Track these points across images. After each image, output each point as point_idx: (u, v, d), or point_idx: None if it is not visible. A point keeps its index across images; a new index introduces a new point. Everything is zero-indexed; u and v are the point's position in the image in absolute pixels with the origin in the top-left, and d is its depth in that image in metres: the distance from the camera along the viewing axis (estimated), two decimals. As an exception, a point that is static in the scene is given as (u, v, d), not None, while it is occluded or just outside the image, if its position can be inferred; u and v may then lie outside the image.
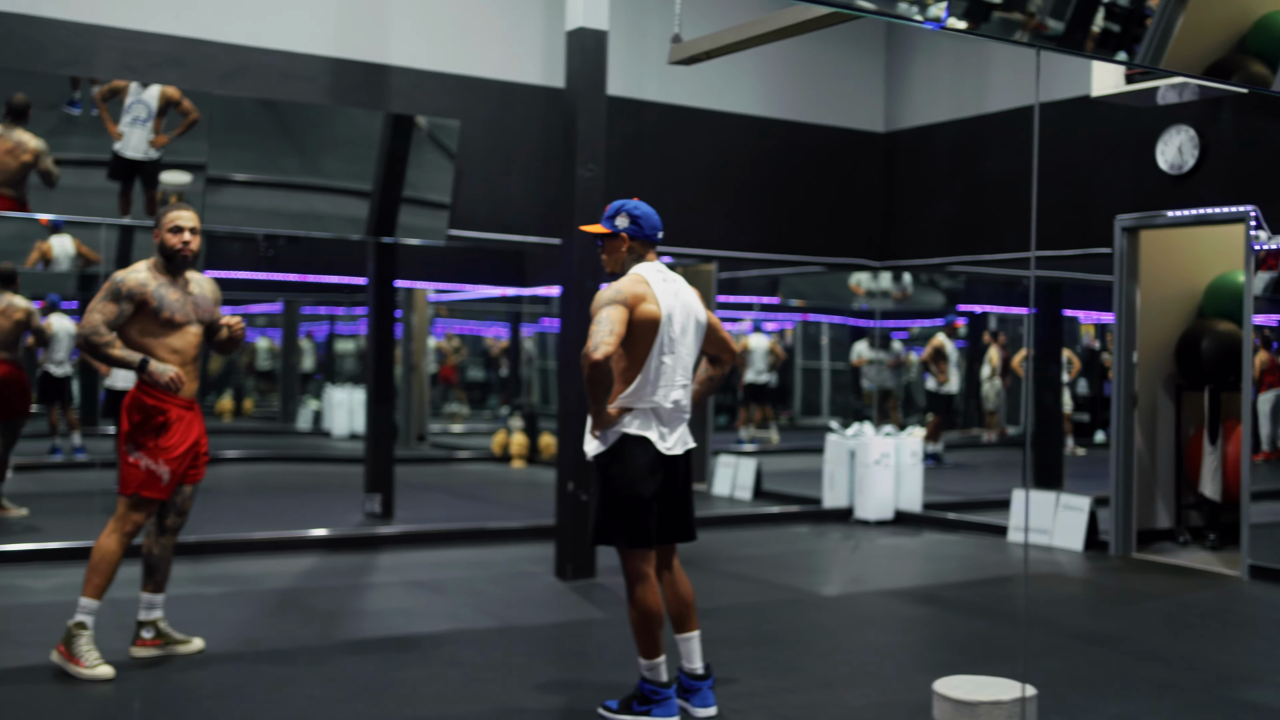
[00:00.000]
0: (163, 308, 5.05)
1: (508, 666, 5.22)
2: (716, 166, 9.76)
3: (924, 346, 13.55)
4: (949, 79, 9.99)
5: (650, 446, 4.35)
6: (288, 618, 6.06)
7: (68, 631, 4.93)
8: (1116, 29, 4.06)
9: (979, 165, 9.73)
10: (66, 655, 4.89)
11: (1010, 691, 3.90)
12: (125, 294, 4.99)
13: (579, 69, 7.18)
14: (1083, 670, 5.38)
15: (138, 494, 5.01)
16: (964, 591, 7.21)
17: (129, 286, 5.00)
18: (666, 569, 4.55)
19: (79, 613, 4.94)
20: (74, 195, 7.47)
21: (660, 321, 4.33)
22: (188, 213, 5.16)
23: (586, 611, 6.44)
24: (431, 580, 7.09)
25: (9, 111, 7.10)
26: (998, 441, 14.71)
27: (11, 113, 7.11)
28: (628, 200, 4.56)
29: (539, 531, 8.44)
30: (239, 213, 7.95)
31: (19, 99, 7.11)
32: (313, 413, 17.05)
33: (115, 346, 4.96)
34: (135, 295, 5.00)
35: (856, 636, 6.08)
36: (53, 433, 11.86)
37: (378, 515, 8.99)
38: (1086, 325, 14.62)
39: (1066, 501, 8.63)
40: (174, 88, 7.52)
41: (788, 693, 4.88)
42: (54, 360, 11.57)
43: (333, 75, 8.14)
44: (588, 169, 7.15)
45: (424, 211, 8.44)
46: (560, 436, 7.37)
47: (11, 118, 7.11)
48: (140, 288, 5.01)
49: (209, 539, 7.63)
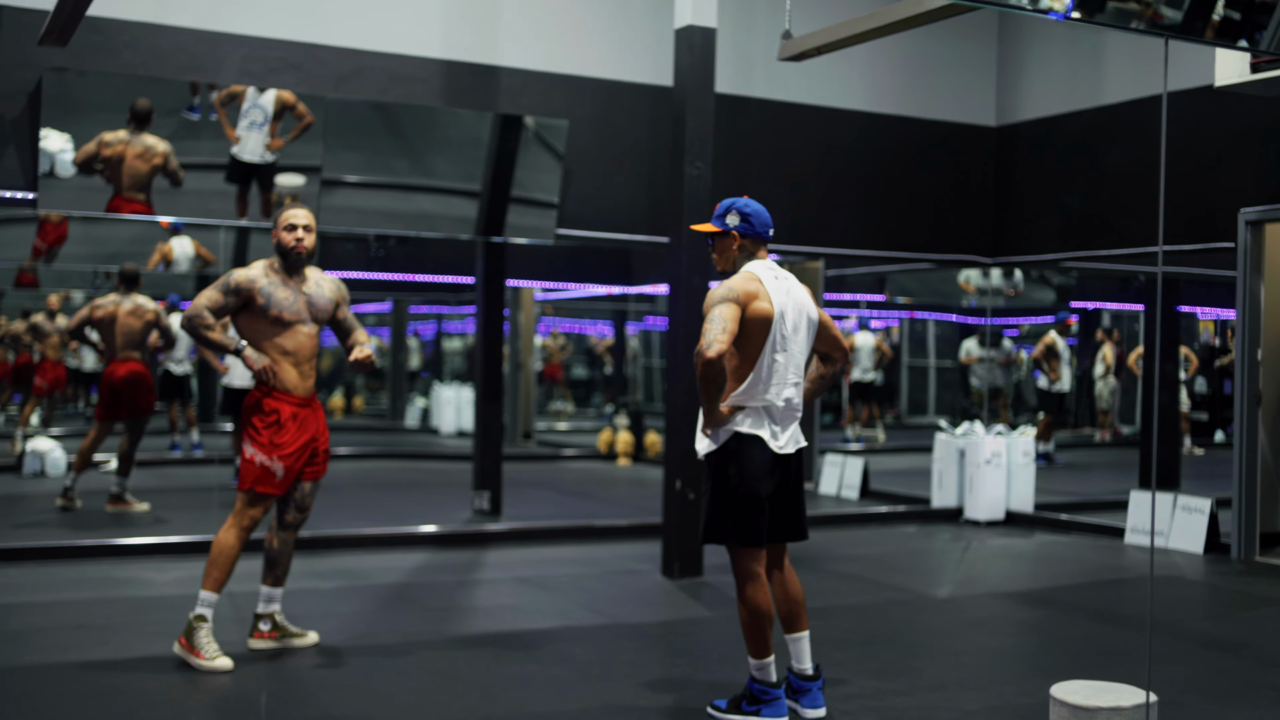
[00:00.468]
0: (270, 305, 5.12)
1: (616, 664, 5.23)
2: (825, 163, 9.68)
3: (1034, 344, 13.30)
4: (1062, 71, 9.79)
5: (763, 445, 4.33)
6: (400, 612, 6.15)
7: (188, 624, 5.05)
8: (1237, 16, 3.94)
9: (1094, 159, 9.51)
10: (187, 647, 5.01)
11: (1131, 698, 3.80)
12: (233, 287, 5.09)
13: (687, 67, 7.17)
14: (1205, 677, 5.23)
15: (253, 489, 5.12)
16: (1079, 594, 7.06)
17: (237, 280, 5.11)
18: (777, 568, 4.53)
19: (199, 605, 5.06)
20: (193, 198, 7.67)
21: (773, 319, 4.30)
22: (302, 211, 5.24)
23: (694, 610, 6.43)
24: (539, 577, 7.15)
25: (133, 117, 7.31)
26: (1111, 441, 14.39)
27: (136, 118, 7.31)
28: (738, 198, 4.54)
29: (645, 529, 8.46)
30: (352, 214, 8.09)
31: (142, 104, 7.31)
32: (421, 410, 17.30)
33: (214, 330, 5.07)
34: (243, 290, 5.10)
35: (968, 639, 5.98)
36: (172, 429, 12.21)
37: (486, 512, 9.09)
38: (1205, 321, 14.24)
39: (1185, 503, 8.40)
40: (289, 92, 7.68)
41: (898, 695, 4.82)
42: (174, 359, 11.90)
43: (442, 77, 8.24)
44: (695, 167, 7.14)
45: (532, 211, 8.51)
46: (668, 435, 7.37)
47: (136, 123, 7.32)
48: (249, 283, 5.11)
49: (322, 534, 7.78)
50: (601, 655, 5.38)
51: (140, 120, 7.31)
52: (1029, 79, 10.06)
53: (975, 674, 5.24)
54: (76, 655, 5.15)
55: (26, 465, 10.53)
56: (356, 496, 10.36)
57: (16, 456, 10.85)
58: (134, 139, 7.31)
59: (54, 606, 6.10)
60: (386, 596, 6.52)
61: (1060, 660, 5.54)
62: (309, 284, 5.28)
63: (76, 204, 7.40)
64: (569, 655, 5.36)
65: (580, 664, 5.22)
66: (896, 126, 9.92)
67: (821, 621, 5.82)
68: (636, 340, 16.58)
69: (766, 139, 9.37)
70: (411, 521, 8.49)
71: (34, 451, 10.58)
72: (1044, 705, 4.31)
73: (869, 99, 9.80)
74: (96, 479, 9.86)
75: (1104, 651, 5.70)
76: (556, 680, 4.97)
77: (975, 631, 6.14)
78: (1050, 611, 6.61)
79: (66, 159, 7.15)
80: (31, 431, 11.48)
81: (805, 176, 9.57)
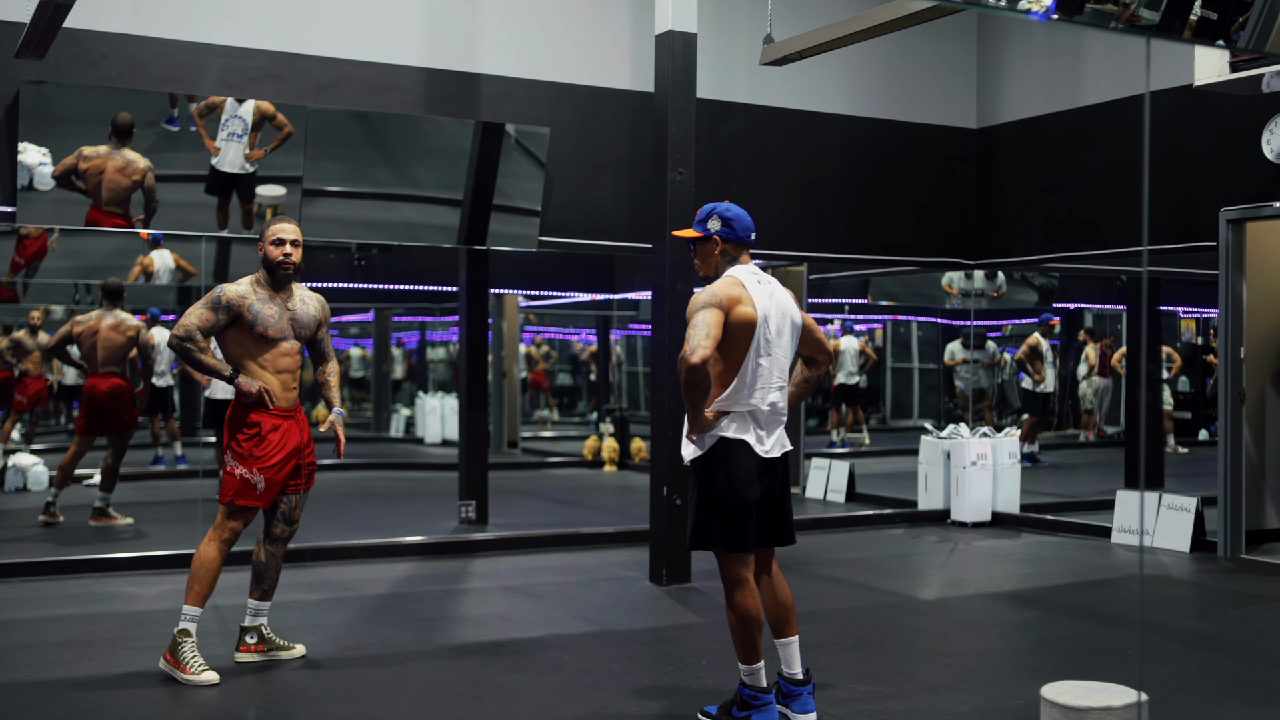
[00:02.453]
0: (257, 322, 5.08)
1: (606, 671, 5.21)
2: (807, 167, 9.69)
3: (1018, 346, 13.34)
4: (1043, 73, 9.82)
5: (749, 450, 4.32)
6: (387, 623, 6.12)
7: (173, 639, 5.01)
8: (1214, 16, 3.94)
9: (1076, 160, 9.54)
10: (172, 662, 4.96)
11: (1122, 697, 3.80)
12: (224, 304, 5.05)
13: (668, 72, 7.16)
14: (1194, 675, 5.23)
15: (233, 502, 5.08)
16: (1067, 594, 7.07)
17: (229, 297, 5.06)
18: (765, 573, 4.51)
19: (182, 620, 5.01)
20: (173, 210, 7.62)
21: (756, 323, 4.29)
22: (290, 225, 5.19)
23: (683, 616, 6.41)
24: (527, 585, 7.12)
25: (114, 131, 7.26)
26: (1095, 441, 14.44)
27: (117, 132, 7.27)
28: (719, 203, 4.53)
29: (632, 536, 8.44)
30: (333, 224, 8.05)
31: (124, 118, 7.26)
32: (405, 420, 17.25)
33: (206, 354, 5.02)
34: (233, 307, 5.05)
35: (958, 641, 5.98)
36: (155, 442, 12.15)
37: (472, 521, 9.06)
38: (1187, 320, 14.30)
39: (1170, 501, 8.42)
40: (268, 103, 7.65)
41: (889, 698, 4.81)
42: (155, 372, 11.84)
43: (423, 85, 8.22)
44: (678, 173, 7.13)
45: (515, 219, 8.49)
46: (653, 441, 7.36)
47: (118, 137, 7.28)
48: (239, 300, 5.07)
49: (308, 545, 7.73)
50: (590, 663, 5.35)
51: (122, 134, 7.26)
52: (1010, 80, 10.09)
53: (965, 676, 5.23)
54: (62, 672, 5.10)
55: (8, 481, 10.46)
56: (342, 507, 10.31)
57: (-2, 472, 10.79)
58: (114, 153, 7.27)
59: (38, 623, 6.04)
60: (374, 607, 6.48)
61: (1050, 660, 5.54)
62: (294, 300, 5.24)
63: (56, 218, 7.35)
64: (558, 663, 5.34)
65: (569, 672, 5.20)
66: (878, 130, 9.93)
67: (811, 626, 5.80)
68: (620, 347, 16.57)
69: (749, 144, 9.37)
70: (398, 532, 8.45)
71: (15, 467, 10.51)
72: (1035, 706, 4.30)
73: (851, 103, 9.81)
74: (79, 493, 9.81)
75: (1094, 651, 5.70)
76: (546, 688, 4.95)
77: (964, 633, 6.13)
78: (1039, 612, 6.61)
79: (45, 172, 7.10)
80: (13, 447, 11.41)
81: (788, 181, 9.58)
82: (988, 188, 10.29)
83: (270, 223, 5.19)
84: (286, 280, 5.20)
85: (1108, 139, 9.23)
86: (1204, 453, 13.00)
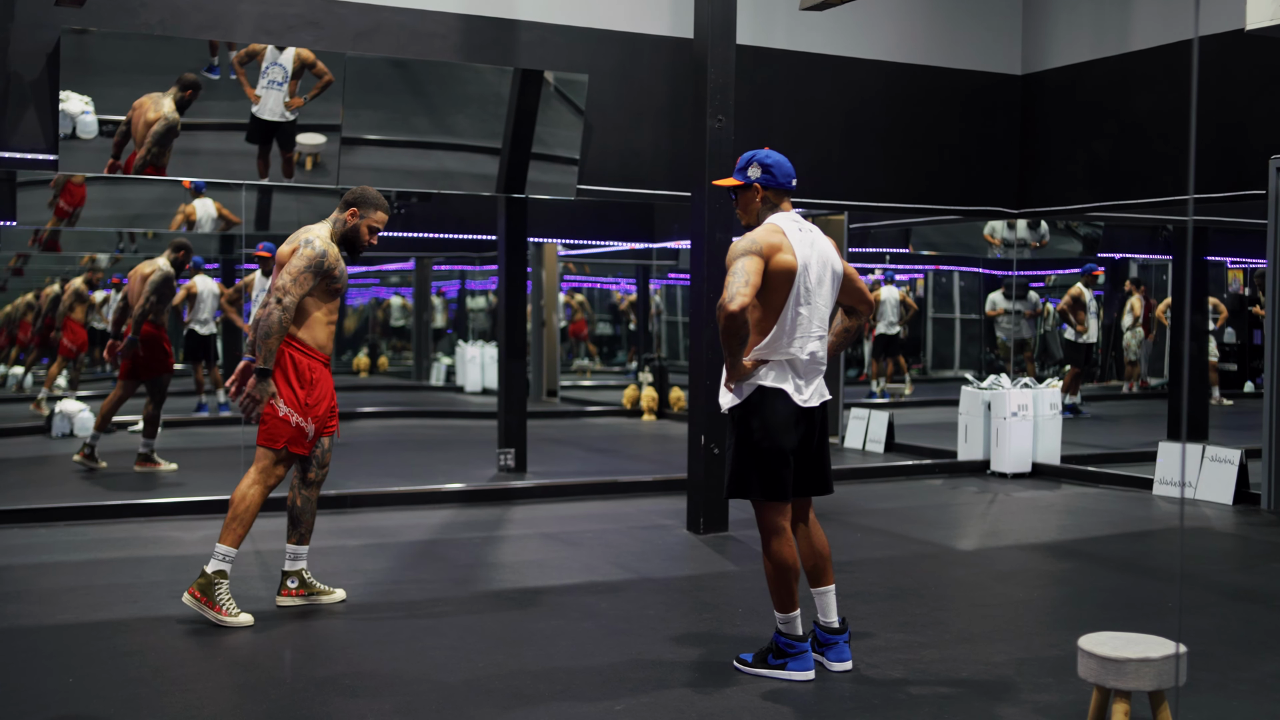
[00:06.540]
0: (337, 279, 5.24)
1: (642, 619, 5.24)
2: (848, 114, 9.58)
3: (1061, 296, 13.20)
4: (1089, 17, 9.64)
5: (787, 399, 4.30)
6: (426, 569, 6.18)
7: (206, 579, 5.02)
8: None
9: (1123, 107, 9.38)
10: (206, 602, 5.00)
11: (1160, 649, 3.77)
12: (327, 268, 5.16)
13: (708, 18, 7.08)
14: (1234, 627, 5.20)
15: (287, 448, 5.15)
16: (1107, 546, 7.03)
17: (330, 261, 5.17)
18: (802, 522, 4.51)
19: (218, 560, 5.04)
20: (214, 158, 7.65)
21: (796, 272, 4.26)
22: (387, 217, 5.35)
23: (720, 565, 6.43)
24: (564, 533, 7.16)
25: (181, 85, 7.29)
26: (1138, 392, 14.30)
27: (180, 85, 7.29)
28: (759, 150, 4.49)
29: (670, 485, 8.46)
30: (372, 172, 8.05)
31: (188, 77, 7.29)
32: (445, 368, 17.33)
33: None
34: (334, 269, 5.20)
35: (996, 591, 5.96)
36: (199, 390, 12.27)
37: (511, 469, 9.11)
38: (1234, 271, 14.09)
39: (1213, 453, 8.34)
40: (308, 50, 7.63)
41: (925, 647, 4.81)
42: (198, 320, 11.94)
43: (461, 32, 8.17)
44: (718, 120, 7.07)
45: (553, 167, 8.46)
46: (692, 390, 7.35)
47: (179, 88, 7.30)
48: (336, 261, 5.21)
49: (349, 492, 7.82)
50: (628, 610, 5.38)
51: (183, 87, 7.29)
52: (1055, 25, 9.92)
53: (1002, 626, 5.22)
54: (106, 614, 5.19)
55: (55, 427, 10.61)
56: (382, 455, 10.39)
57: (45, 418, 10.93)
58: (157, 103, 7.28)
59: (84, 565, 6.15)
60: (413, 553, 6.55)
61: (1088, 612, 5.52)
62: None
63: (98, 165, 7.38)
64: (595, 610, 5.37)
65: (607, 619, 5.23)
66: (920, 76, 9.80)
67: (847, 575, 5.80)
68: (660, 296, 16.53)
69: (789, 90, 9.27)
70: (437, 479, 8.52)
71: (62, 413, 10.65)
72: (1072, 657, 4.29)
73: (892, 48, 9.68)
74: (124, 440, 9.93)
75: (1132, 603, 5.67)
76: (583, 635, 4.98)
77: (1002, 584, 6.12)
78: (1078, 563, 6.58)
79: (87, 120, 7.13)
80: (59, 394, 11.57)
81: (828, 128, 9.48)
82: (1031, 135, 10.15)
83: (371, 201, 5.30)
84: (356, 256, 5.35)
85: (1155, 85, 9.06)
86: (1249, 405, 12.84)
